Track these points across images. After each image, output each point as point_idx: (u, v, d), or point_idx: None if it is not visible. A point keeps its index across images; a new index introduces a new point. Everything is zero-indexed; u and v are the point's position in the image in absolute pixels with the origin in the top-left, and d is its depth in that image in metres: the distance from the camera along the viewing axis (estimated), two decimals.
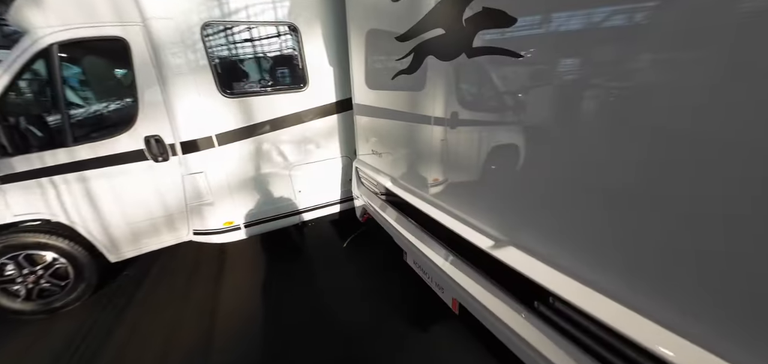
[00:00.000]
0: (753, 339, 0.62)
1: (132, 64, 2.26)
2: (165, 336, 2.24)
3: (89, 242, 2.46)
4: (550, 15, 0.88)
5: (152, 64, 2.30)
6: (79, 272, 2.47)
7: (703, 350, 0.68)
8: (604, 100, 0.81)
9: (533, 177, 1.03)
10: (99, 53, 2.49)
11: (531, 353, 1.04)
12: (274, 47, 2.69)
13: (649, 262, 0.77)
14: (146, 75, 2.30)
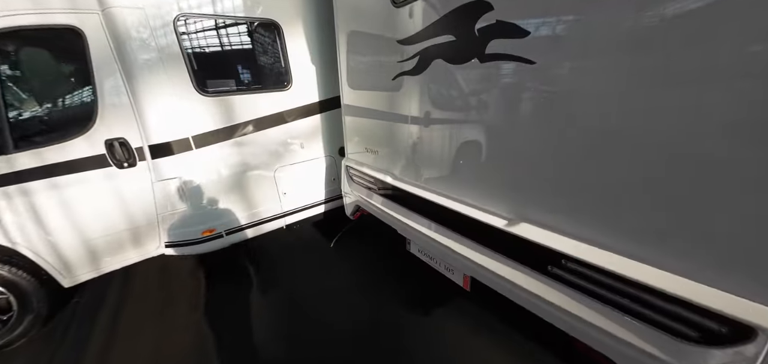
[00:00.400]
0: None
1: (88, 59, 1.99)
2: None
3: (36, 265, 2.08)
4: (557, 28, 1.04)
5: (115, 59, 2.05)
6: (25, 303, 2.08)
7: (654, 268, 0.88)
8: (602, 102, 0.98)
9: (541, 164, 1.19)
10: (44, 45, 2.12)
11: (547, 308, 1.20)
12: (255, 44, 2.58)
13: (627, 220, 0.95)
14: (107, 71, 2.05)
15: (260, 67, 2.64)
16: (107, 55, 2.03)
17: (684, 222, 0.86)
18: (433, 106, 1.65)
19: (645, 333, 0.93)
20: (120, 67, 2.07)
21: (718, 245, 0.81)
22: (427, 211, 1.75)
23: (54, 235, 2.08)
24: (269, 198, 2.80)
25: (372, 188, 2.30)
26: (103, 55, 2.02)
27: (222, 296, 2.59)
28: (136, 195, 2.28)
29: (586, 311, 1.07)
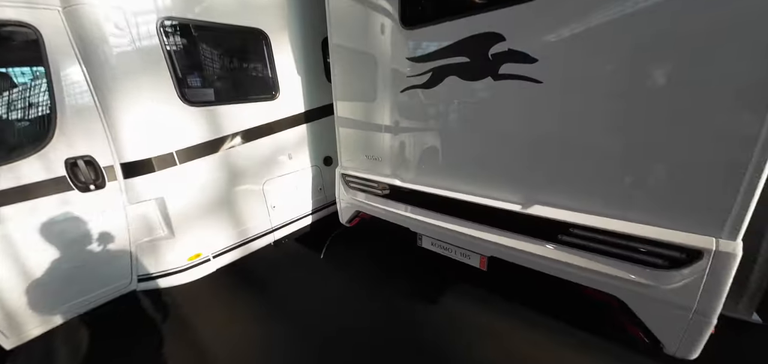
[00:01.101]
0: None
1: (45, 62, 1.66)
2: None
3: None
4: (558, 57, 1.42)
5: (80, 63, 1.75)
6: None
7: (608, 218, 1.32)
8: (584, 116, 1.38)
9: (545, 159, 1.56)
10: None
11: (554, 262, 1.56)
12: (243, 53, 2.46)
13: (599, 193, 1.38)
14: (69, 77, 1.73)
15: (248, 76, 2.53)
16: (69, 59, 1.72)
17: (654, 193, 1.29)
18: (449, 114, 1.90)
19: (635, 270, 1.34)
20: (86, 73, 1.77)
21: (676, 204, 1.25)
22: (446, 207, 1.99)
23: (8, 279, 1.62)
24: (258, 213, 2.66)
25: (377, 193, 2.43)
26: (64, 58, 1.71)
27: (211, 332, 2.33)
28: (104, 223, 1.94)
29: (591, 263, 1.46)
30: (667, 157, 1.23)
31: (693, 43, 1.11)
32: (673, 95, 1.18)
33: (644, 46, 1.21)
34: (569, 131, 1.46)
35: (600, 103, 1.35)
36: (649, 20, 1.18)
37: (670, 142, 1.22)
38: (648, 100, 1.23)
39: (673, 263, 1.27)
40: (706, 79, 1.11)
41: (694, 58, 1.12)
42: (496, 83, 1.63)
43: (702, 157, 1.16)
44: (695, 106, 1.14)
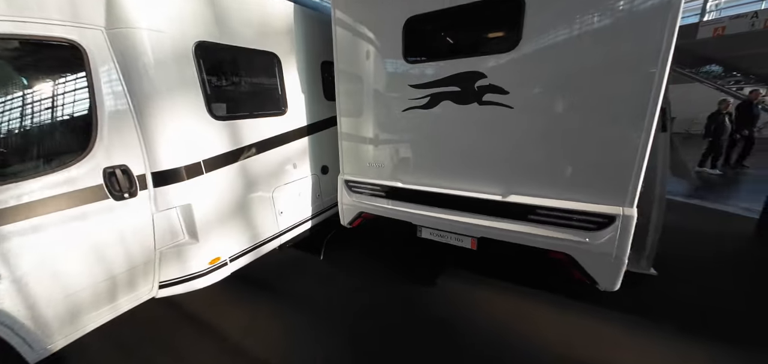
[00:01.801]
0: None
1: (89, 78, 1.77)
2: None
3: None
4: (522, 90, 2.07)
5: (121, 80, 1.88)
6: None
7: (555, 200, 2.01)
8: (535, 125, 2.05)
9: (517, 161, 2.19)
10: (37, 59, 1.63)
11: (524, 235, 2.18)
12: (260, 73, 2.71)
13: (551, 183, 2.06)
14: (110, 92, 1.85)
15: (263, 93, 2.77)
16: (111, 76, 1.85)
17: (586, 182, 1.98)
18: (440, 129, 2.45)
19: (577, 233, 2.01)
20: (126, 89, 1.90)
21: (599, 188, 1.95)
22: (442, 202, 2.51)
23: (30, 292, 1.62)
24: (268, 218, 2.86)
25: (379, 194, 2.86)
26: (106, 74, 1.83)
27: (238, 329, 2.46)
28: (134, 230, 2.02)
29: (550, 232, 2.10)
30: (592, 159, 1.94)
31: (601, 90, 1.83)
32: (591, 120, 1.89)
33: (573, 86, 1.90)
34: (532, 142, 2.11)
35: (550, 123, 2.02)
36: (575, 69, 1.88)
37: (592, 149, 1.92)
38: (578, 123, 1.93)
39: (599, 225, 1.96)
40: (609, 112, 1.83)
41: (601, 100, 1.84)
42: (480, 107, 2.23)
43: (612, 159, 1.88)
44: (605, 127, 1.86)
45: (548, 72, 1.97)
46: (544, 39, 1.94)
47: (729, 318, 2.36)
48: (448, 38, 2.36)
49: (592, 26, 1.80)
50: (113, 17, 1.81)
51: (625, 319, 2.35)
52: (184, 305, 2.65)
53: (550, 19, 1.91)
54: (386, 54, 2.54)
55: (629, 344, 2.13)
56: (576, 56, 1.87)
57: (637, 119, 1.76)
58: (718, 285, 2.76)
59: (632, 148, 1.80)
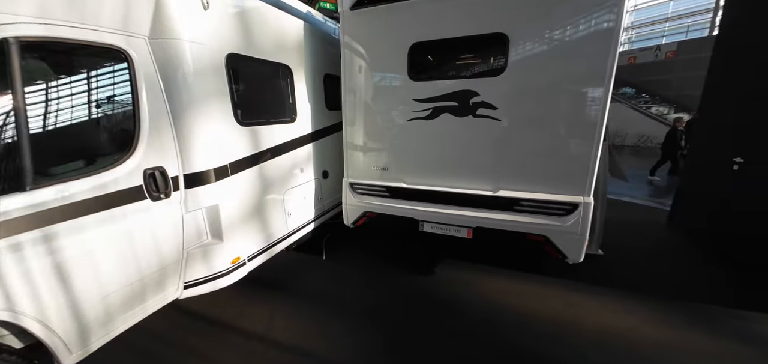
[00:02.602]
0: None
1: (133, 84, 1.87)
2: None
3: (37, 340, 1.55)
4: (508, 106, 2.59)
5: (160, 87, 1.99)
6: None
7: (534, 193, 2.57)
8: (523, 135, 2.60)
9: (504, 163, 2.70)
10: (86, 62, 1.65)
11: (511, 222, 2.68)
12: (275, 83, 2.89)
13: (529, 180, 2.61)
14: (151, 98, 1.95)
15: (278, 102, 2.95)
16: (152, 82, 1.96)
17: (557, 178, 2.55)
18: (440, 136, 2.88)
19: (552, 218, 2.56)
20: (165, 94, 2.01)
21: (566, 182, 2.52)
22: (442, 198, 2.92)
23: (73, 292, 1.65)
24: (279, 220, 3.01)
25: (384, 195, 3.19)
26: (149, 81, 1.93)
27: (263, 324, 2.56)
28: (167, 230, 2.09)
29: (531, 219, 2.63)
30: (561, 161, 2.50)
31: (566, 108, 2.41)
32: (560, 131, 2.46)
33: (546, 105, 2.47)
34: (515, 148, 2.64)
35: (529, 133, 2.57)
36: (547, 91, 2.45)
37: (561, 153, 2.49)
38: (550, 132, 2.50)
39: (567, 211, 2.53)
40: (572, 124, 2.42)
41: (566, 116, 2.42)
42: (474, 119, 2.71)
43: (574, 160, 2.46)
44: (570, 136, 2.44)
45: (527, 93, 2.52)
46: (524, 68, 2.49)
47: (655, 281, 3.11)
48: (448, 62, 2.83)
49: (557, 59, 2.38)
50: (158, 28, 1.93)
51: (584, 288, 2.97)
52: (201, 310, 2.67)
53: (528, 54, 2.46)
54: (393, 72, 2.92)
55: (590, 305, 2.72)
56: (547, 82, 2.44)
57: (591, 129, 2.36)
58: (645, 259, 3.57)
59: (588, 152, 2.40)
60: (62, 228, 1.58)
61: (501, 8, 2.49)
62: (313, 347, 2.29)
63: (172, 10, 1.94)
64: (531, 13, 2.40)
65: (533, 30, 2.42)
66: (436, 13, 2.66)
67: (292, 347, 2.27)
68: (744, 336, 2.34)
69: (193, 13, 2.05)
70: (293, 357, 2.21)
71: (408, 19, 2.76)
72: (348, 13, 2.94)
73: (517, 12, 2.44)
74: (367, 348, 2.29)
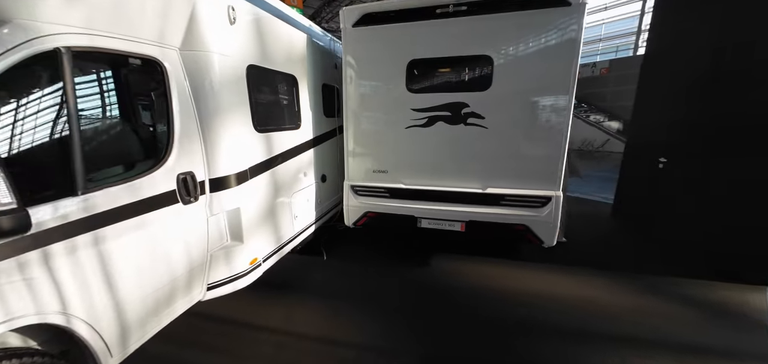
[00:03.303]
0: None
1: (168, 92, 1.96)
2: None
3: (83, 344, 1.57)
4: (493, 116, 3.05)
5: (189, 95, 2.09)
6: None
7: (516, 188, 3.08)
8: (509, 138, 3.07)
9: (492, 164, 3.15)
10: (129, 73, 1.66)
11: (497, 215, 3.13)
12: (285, 92, 3.04)
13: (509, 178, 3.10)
14: (182, 105, 2.05)
15: (286, 110, 3.10)
16: (183, 90, 2.05)
17: (534, 175, 3.05)
18: (436, 142, 3.25)
19: (531, 210, 3.05)
20: (194, 102, 2.11)
21: (542, 179, 3.04)
22: (439, 196, 3.29)
23: (118, 294, 1.69)
24: (287, 221, 3.14)
25: (384, 195, 3.48)
26: (180, 90, 2.03)
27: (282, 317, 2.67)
28: (195, 232, 2.17)
29: (514, 211, 3.10)
30: (537, 161, 3.01)
31: (540, 117, 2.93)
32: (536, 136, 2.98)
33: (525, 115, 2.97)
34: (500, 151, 3.11)
35: (512, 139, 3.05)
36: (525, 103, 2.95)
37: (537, 155, 3.00)
38: (529, 138, 3.00)
39: (543, 203, 3.04)
40: (545, 130, 2.94)
41: (540, 123, 2.94)
42: (465, 127, 3.13)
43: (548, 160, 2.98)
44: (544, 140, 2.96)
45: (509, 105, 3.00)
46: (506, 84, 2.97)
47: (608, 259, 3.79)
48: (442, 77, 3.23)
49: (532, 76, 2.89)
50: (190, 40, 2.03)
51: (556, 268, 3.52)
52: (220, 313, 2.70)
53: (509, 72, 2.94)
54: (393, 85, 3.25)
55: (563, 280, 3.26)
56: (524, 95, 2.94)
57: (559, 133, 2.90)
58: (599, 243, 4.28)
59: (558, 152, 2.94)
60: (109, 232, 1.63)
61: (486, 34, 2.95)
62: (338, 334, 2.48)
63: (204, 25, 2.06)
64: (510, 39, 2.90)
65: (512, 53, 2.91)
66: (431, 34, 3.06)
67: (320, 337, 2.44)
68: (683, 299, 2.99)
69: (221, 27, 2.18)
70: (323, 345, 2.39)
71: (407, 38, 3.12)
72: (350, 29, 3.21)
73: (499, 38, 2.92)
74: (387, 330, 2.54)
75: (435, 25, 3.03)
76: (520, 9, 2.81)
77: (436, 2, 2.99)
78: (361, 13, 3.16)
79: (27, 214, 1.21)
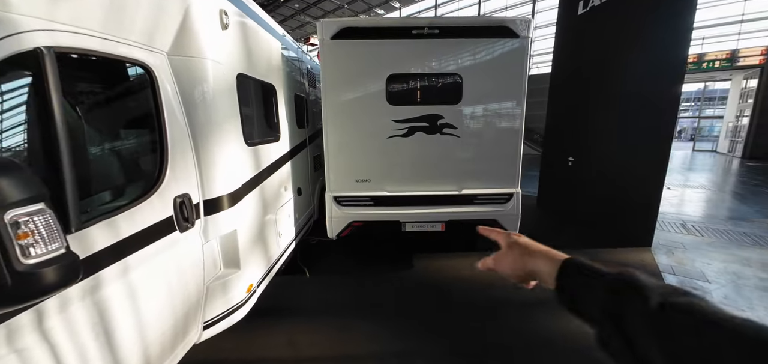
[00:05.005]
0: None
1: (158, 103, 1.69)
2: None
3: None
4: (465, 126, 3.47)
5: (180, 106, 1.84)
6: None
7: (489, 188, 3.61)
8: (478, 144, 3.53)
9: (465, 168, 3.55)
10: (118, 81, 1.23)
11: (472, 213, 3.56)
12: (268, 103, 2.82)
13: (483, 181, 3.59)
14: (173, 118, 1.78)
15: (268, 121, 2.88)
16: (174, 101, 1.79)
17: (498, 175, 3.58)
18: (416, 150, 3.50)
19: (498, 206, 3.56)
20: (185, 114, 1.85)
21: (504, 178, 3.58)
22: (420, 201, 3.52)
23: (117, 356, 1.37)
24: (274, 240, 2.92)
25: (369, 203, 3.54)
26: (171, 100, 1.77)
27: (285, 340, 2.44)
28: (191, 264, 1.88)
29: (485, 208, 3.56)
30: (501, 164, 3.55)
31: (501, 125, 3.48)
32: (499, 143, 3.52)
33: (490, 125, 3.48)
34: (472, 156, 3.55)
35: (480, 145, 3.52)
36: (489, 115, 3.47)
37: (501, 158, 3.54)
38: (493, 144, 3.52)
39: (507, 199, 3.59)
40: (505, 137, 3.50)
41: (501, 131, 3.49)
42: (441, 136, 3.48)
43: (509, 163, 3.54)
44: (505, 145, 3.52)
45: (477, 117, 3.47)
46: (473, 98, 3.42)
47: (538, 241, 4.64)
48: (420, 91, 3.50)
49: (493, 90, 3.42)
50: (181, 45, 1.78)
51: None
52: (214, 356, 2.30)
53: (475, 88, 3.41)
54: (374, 98, 3.37)
55: None
56: (488, 107, 3.45)
57: (516, 137, 3.49)
58: (532, 229, 5.19)
59: (516, 157, 3.53)
60: (107, 275, 1.32)
61: (455, 56, 3.36)
62: (351, 349, 2.43)
63: (198, 29, 1.83)
64: (475, 61, 3.37)
65: (477, 72, 3.39)
66: (408, 53, 3.31)
67: (334, 357, 2.35)
68: None
69: (215, 32, 1.97)
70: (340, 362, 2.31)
71: (386, 54, 3.30)
72: (329, 42, 3.22)
73: (466, 59, 3.37)
74: (397, 333, 2.59)
75: (412, 45, 3.29)
76: (483, 37, 3.31)
77: (412, 24, 3.27)
78: (340, 26, 3.21)
79: (77, 259, 0.92)
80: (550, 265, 0.56)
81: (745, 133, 13.97)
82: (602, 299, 0.44)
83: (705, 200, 7.14)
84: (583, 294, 0.49)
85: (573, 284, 0.51)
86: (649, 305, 0.38)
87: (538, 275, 0.60)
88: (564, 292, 0.52)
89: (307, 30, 24.39)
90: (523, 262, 0.63)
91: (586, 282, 0.48)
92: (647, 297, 0.39)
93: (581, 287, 0.49)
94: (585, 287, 0.48)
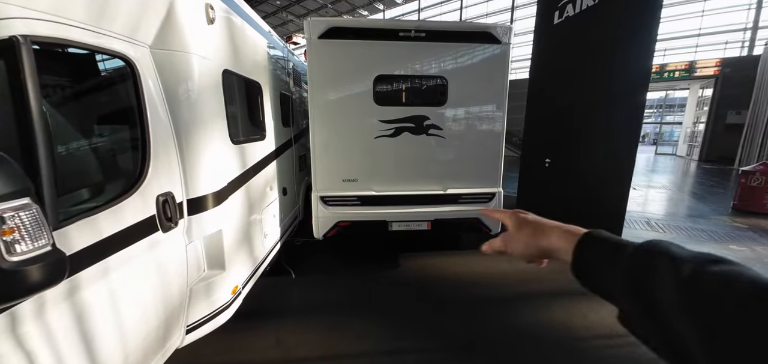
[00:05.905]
0: None
1: (141, 97, 1.63)
2: None
3: None
4: (449, 127, 3.56)
5: (163, 101, 1.78)
6: None
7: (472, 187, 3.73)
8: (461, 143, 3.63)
9: (450, 168, 3.64)
10: (99, 73, 1.14)
11: (457, 212, 3.65)
12: (253, 101, 2.75)
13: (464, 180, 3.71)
14: (156, 113, 1.72)
15: (254, 119, 2.81)
16: (157, 96, 1.73)
17: (481, 175, 3.70)
18: (403, 150, 3.55)
19: (480, 204, 3.67)
20: (168, 109, 1.79)
21: (487, 178, 3.70)
22: (406, 200, 3.57)
23: (100, 356, 1.30)
24: (259, 241, 2.86)
25: (356, 203, 3.54)
26: (153, 94, 1.70)
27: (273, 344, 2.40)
28: (175, 265, 1.82)
29: (469, 207, 3.66)
30: (484, 164, 3.67)
31: (484, 127, 3.60)
32: (482, 144, 3.64)
33: (473, 126, 3.59)
34: (456, 157, 3.64)
35: (464, 146, 3.63)
36: (472, 116, 3.58)
37: (485, 158, 3.66)
38: (477, 145, 3.63)
39: (489, 198, 3.72)
40: (489, 139, 3.63)
41: (484, 133, 3.61)
42: (427, 136, 3.55)
43: (491, 164, 3.67)
44: (488, 146, 3.64)
45: (461, 118, 3.57)
46: (458, 100, 3.52)
47: None
48: (406, 92, 3.55)
49: (476, 93, 3.53)
50: (164, 38, 1.72)
51: None
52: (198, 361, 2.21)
53: (459, 91, 3.51)
54: (361, 98, 3.38)
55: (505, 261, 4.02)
56: (472, 109, 3.56)
57: (498, 139, 3.63)
58: None
59: (498, 157, 3.66)
60: (84, 277, 1.26)
61: (441, 59, 3.45)
62: (340, 348, 2.42)
63: (184, 22, 1.78)
64: (459, 65, 3.47)
65: (461, 76, 3.49)
66: (396, 54, 3.36)
67: (323, 356, 2.33)
68: None
69: (200, 26, 1.91)
70: (331, 362, 2.30)
71: (373, 54, 3.33)
72: (316, 41, 3.20)
73: (450, 63, 3.46)
74: (389, 331, 2.62)
75: (399, 47, 3.34)
76: (467, 42, 3.42)
77: (400, 27, 3.32)
78: (328, 25, 3.20)
79: (64, 257, 0.87)
80: (567, 240, 0.51)
81: (701, 138, 15.18)
82: (627, 272, 0.39)
83: (667, 199, 7.69)
84: (604, 268, 0.43)
85: (593, 258, 0.46)
86: (681, 275, 0.33)
87: (553, 251, 0.55)
88: (583, 267, 0.47)
89: (289, 28, 23.95)
90: (537, 240, 0.58)
91: (609, 255, 0.43)
92: (678, 267, 0.34)
93: (603, 260, 0.44)
94: (607, 260, 0.43)
